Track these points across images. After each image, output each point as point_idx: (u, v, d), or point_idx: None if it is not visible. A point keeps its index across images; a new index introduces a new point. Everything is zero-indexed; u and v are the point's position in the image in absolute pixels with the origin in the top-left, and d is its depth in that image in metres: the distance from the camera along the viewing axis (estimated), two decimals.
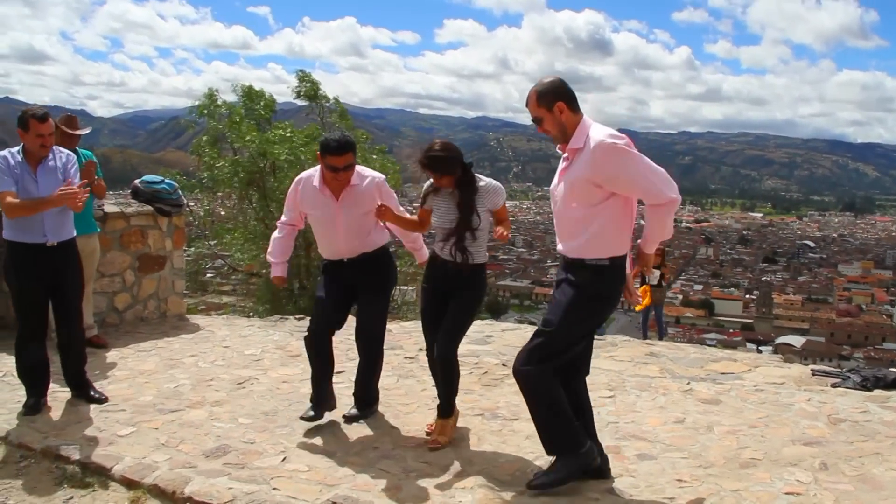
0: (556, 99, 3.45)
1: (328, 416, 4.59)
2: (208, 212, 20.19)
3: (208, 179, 17.71)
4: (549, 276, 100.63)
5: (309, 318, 4.69)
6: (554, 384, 3.57)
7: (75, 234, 5.04)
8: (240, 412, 4.82)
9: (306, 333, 4.56)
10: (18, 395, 5.14)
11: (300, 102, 18.73)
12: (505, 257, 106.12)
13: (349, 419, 4.60)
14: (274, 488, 3.64)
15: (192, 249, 21.71)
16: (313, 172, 4.50)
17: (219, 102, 17.61)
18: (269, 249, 4.87)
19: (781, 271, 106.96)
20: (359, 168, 4.47)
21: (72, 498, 3.73)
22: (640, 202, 3.53)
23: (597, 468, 3.66)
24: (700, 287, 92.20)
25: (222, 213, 20.10)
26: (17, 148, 4.84)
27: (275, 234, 4.83)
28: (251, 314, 18.14)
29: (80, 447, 4.19)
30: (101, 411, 4.84)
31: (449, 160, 3.97)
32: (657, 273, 12.05)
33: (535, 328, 8.35)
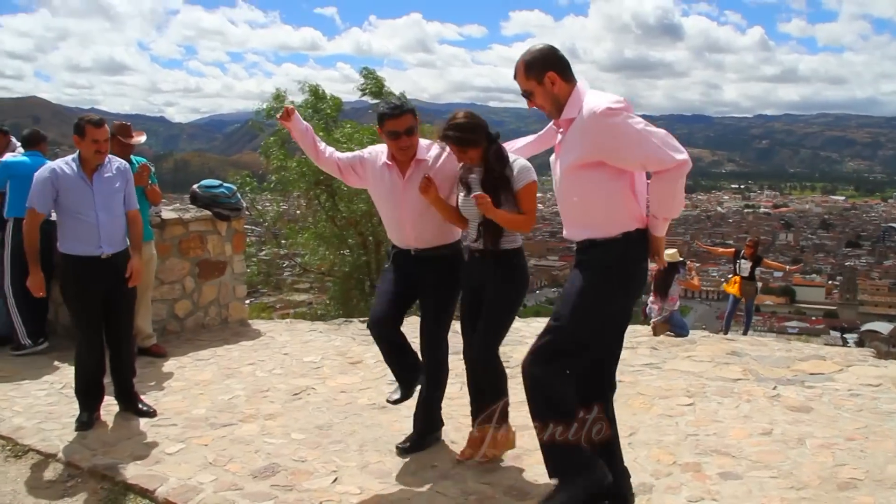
0: (546, 69, 3.04)
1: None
2: (279, 213, 20.33)
3: (277, 182, 17.84)
4: None
5: None
6: (566, 391, 3.10)
7: (128, 244, 4.91)
8: (293, 426, 4.60)
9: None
10: (73, 408, 5.04)
11: (368, 100, 18.68)
12: (571, 245, 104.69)
13: (403, 450, 4.12)
14: None
15: (266, 251, 21.97)
16: (383, 147, 4.02)
17: (286, 103, 17.69)
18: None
19: (866, 256, 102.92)
20: (428, 142, 3.96)
21: None
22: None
23: (614, 494, 3.21)
24: (780, 274, 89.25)
25: (298, 212, 20.25)
26: (72, 156, 4.75)
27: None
28: (322, 312, 18.18)
29: (126, 466, 4.03)
30: (153, 426, 4.69)
31: (472, 128, 3.54)
32: (748, 264, 11.52)
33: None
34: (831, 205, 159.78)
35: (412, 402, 4.17)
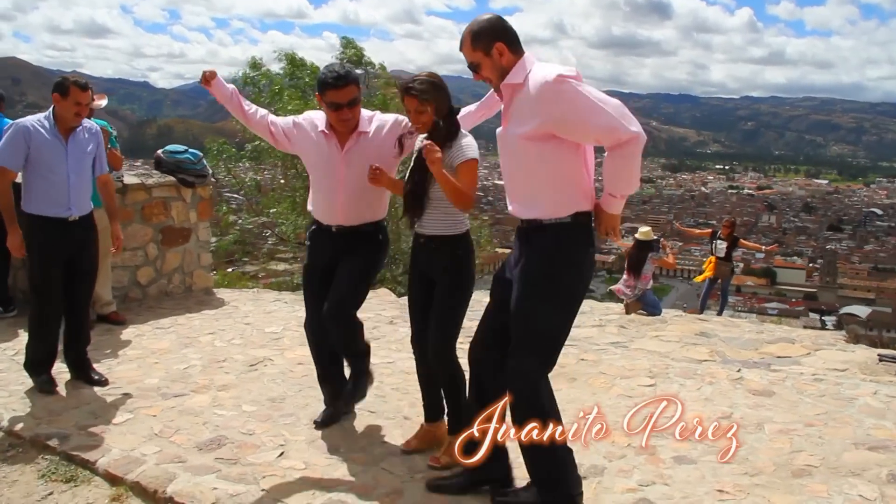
0: (494, 39, 2.89)
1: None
2: (256, 182, 20.10)
3: (252, 150, 17.60)
4: (606, 243, 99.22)
5: None
6: (549, 392, 3.01)
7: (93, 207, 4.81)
8: (246, 398, 4.50)
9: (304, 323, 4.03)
10: (23, 376, 4.91)
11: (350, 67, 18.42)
12: None
13: (319, 423, 4.02)
14: (262, 489, 3.28)
15: (242, 220, 21.75)
16: (321, 114, 3.77)
17: (262, 71, 17.40)
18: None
19: (847, 240, 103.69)
20: (371, 113, 3.75)
21: (51, 493, 3.44)
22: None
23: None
24: (762, 255, 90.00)
25: (282, 180, 19.99)
26: (44, 115, 4.59)
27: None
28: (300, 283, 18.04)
29: (69, 436, 3.91)
30: (102, 395, 4.57)
31: (437, 87, 3.30)
32: (724, 244, 11.48)
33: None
34: (814, 188, 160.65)
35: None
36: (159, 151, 7.38)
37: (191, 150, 7.48)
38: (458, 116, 3.47)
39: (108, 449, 3.75)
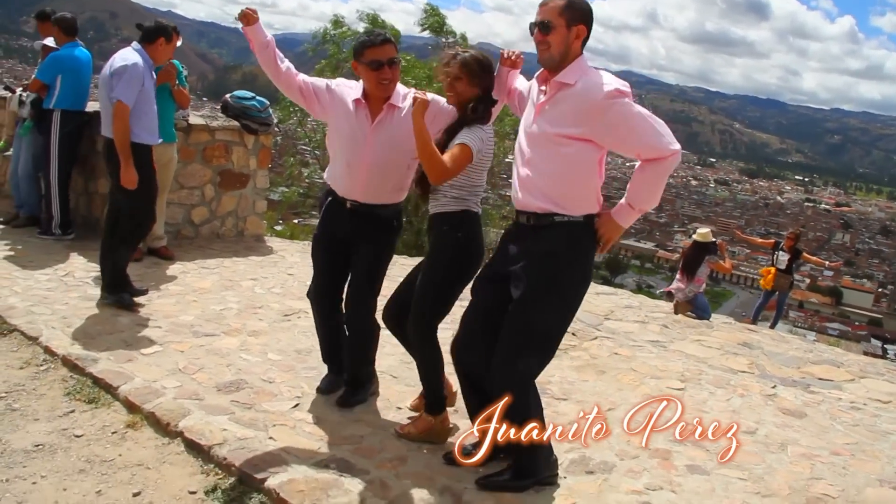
0: (581, 21, 2.86)
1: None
2: (325, 134, 20.29)
3: None
4: (673, 240, 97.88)
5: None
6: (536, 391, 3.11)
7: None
8: (273, 346, 4.56)
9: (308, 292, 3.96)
10: (70, 297, 5.10)
11: (425, 35, 18.35)
12: None
13: (320, 390, 3.94)
14: (270, 437, 3.33)
15: (308, 172, 21.98)
16: (355, 83, 3.64)
17: (343, 30, 17.46)
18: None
19: None
20: (407, 90, 3.57)
21: (73, 411, 3.55)
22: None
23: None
24: (830, 273, 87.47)
25: None
26: (139, 51, 5.06)
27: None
28: None
29: (99, 360, 4.03)
30: (137, 324, 4.68)
31: (487, 67, 3.19)
32: (785, 256, 11.15)
33: (632, 295, 7.78)
34: (895, 212, 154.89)
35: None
36: (227, 96, 7.42)
37: (258, 97, 7.53)
38: None
39: (132, 377, 3.84)
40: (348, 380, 3.87)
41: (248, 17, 3.51)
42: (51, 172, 6.60)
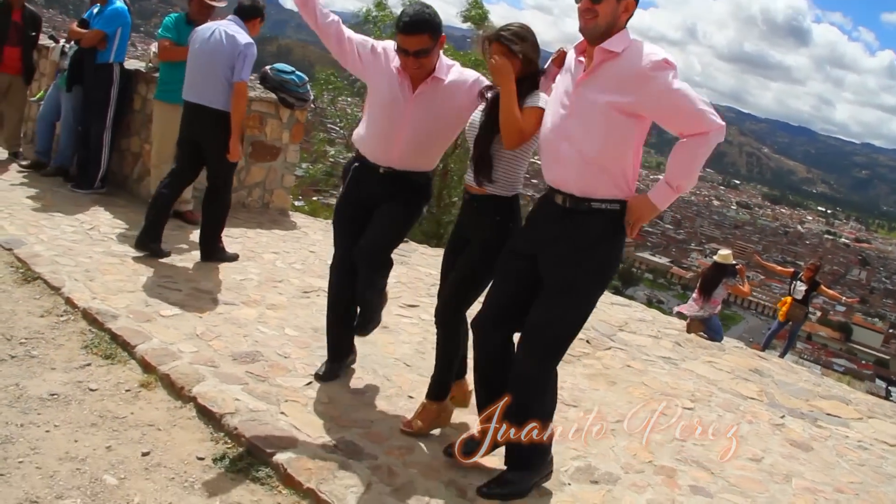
0: None
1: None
2: (357, 117, 20.31)
3: (361, 86, 17.78)
4: (689, 258, 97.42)
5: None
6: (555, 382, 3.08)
7: None
8: (291, 321, 4.58)
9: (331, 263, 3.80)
10: (94, 251, 5.15)
11: (468, 27, 18.34)
12: (650, 229, 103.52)
13: (318, 376, 3.83)
14: (282, 412, 3.35)
15: (333, 151, 22.02)
16: None
17: (386, 12, 17.48)
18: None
19: None
20: (452, 63, 3.48)
21: (89, 364, 3.58)
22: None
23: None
24: (843, 309, 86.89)
25: None
26: (242, 25, 5.38)
27: None
28: None
29: (118, 317, 4.07)
30: (159, 285, 4.72)
31: (527, 40, 3.09)
32: (803, 287, 11.09)
33: (646, 308, 7.74)
34: None
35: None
36: (267, 67, 7.46)
37: (298, 72, 7.55)
38: None
39: (150, 337, 3.87)
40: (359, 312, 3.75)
41: None
42: (106, 126, 6.72)
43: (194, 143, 5.31)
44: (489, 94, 3.27)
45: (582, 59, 2.88)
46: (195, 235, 6.10)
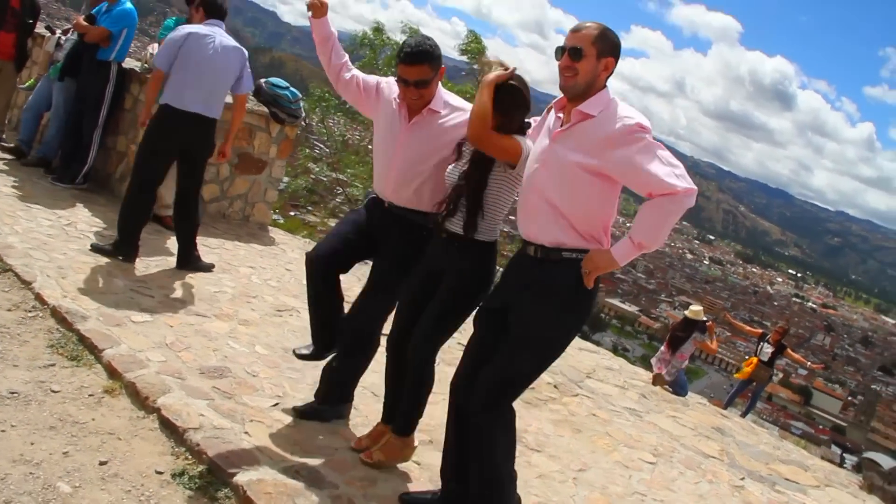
0: (611, 54, 2.81)
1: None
2: (344, 138, 20.35)
3: (351, 106, 17.85)
4: (658, 308, 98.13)
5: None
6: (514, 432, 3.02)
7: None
8: (262, 339, 4.54)
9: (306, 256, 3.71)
10: (69, 247, 5.08)
11: (462, 59, 18.52)
12: (622, 276, 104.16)
13: (301, 413, 3.70)
14: (245, 432, 3.30)
15: (318, 169, 21.98)
16: None
17: (383, 38, 17.60)
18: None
19: (895, 386, 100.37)
20: (452, 98, 3.50)
21: (54, 365, 3.51)
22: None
23: None
24: (804, 372, 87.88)
25: (369, 145, 20.21)
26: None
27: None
28: None
29: (88, 318, 4.00)
30: (131, 290, 4.66)
31: (521, 98, 3.11)
32: (770, 349, 11.19)
33: (614, 357, 7.76)
34: (879, 324, 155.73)
35: None
36: (262, 81, 7.47)
37: (292, 88, 7.56)
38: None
39: (118, 343, 3.81)
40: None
41: (318, 7, 3.50)
42: (98, 124, 6.67)
43: (180, 152, 5.29)
44: (465, 149, 3.27)
45: (560, 115, 2.91)
46: (172, 241, 6.05)
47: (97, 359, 3.65)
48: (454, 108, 3.46)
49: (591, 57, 2.77)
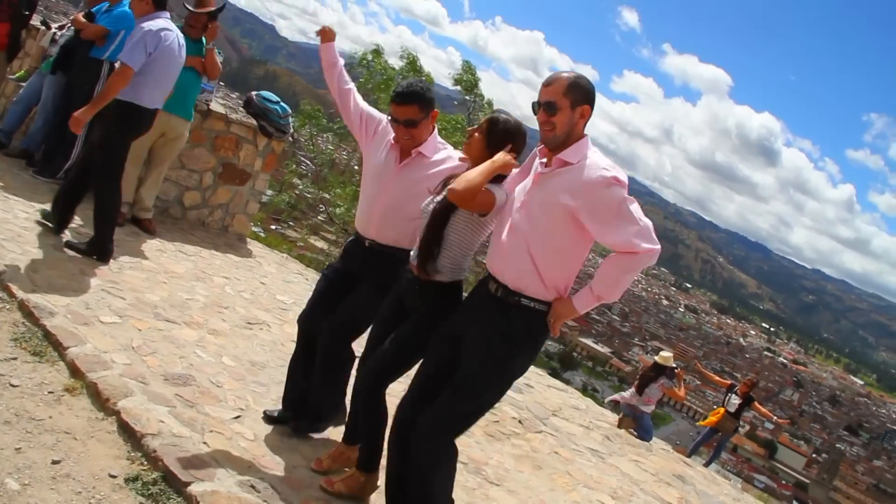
0: (585, 101, 2.86)
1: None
2: (332, 158, 20.37)
3: (341, 126, 17.89)
4: (630, 352, 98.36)
5: None
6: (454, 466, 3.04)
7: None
8: (230, 351, 4.50)
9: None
10: (44, 242, 5.04)
11: (455, 89, 18.66)
12: (596, 317, 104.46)
13: (270, 418, 3.77)
14: (204, 442, 3.27)
15: (302, 185, 21.99)
16: None
17: (381, 62, 17.73)
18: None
19: (859, 447, 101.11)
20: (444, 145, 3.58)
21: (15, 359, 3.46)
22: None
23: None
24: (771, 426, 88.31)
25: (356, 167, 20.23)
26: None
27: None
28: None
29: (56, 315, 3.96)
30: (103, 290, 4.62)
31: (510, 134, 3.14)
32: (737, 401, 11.25)
33: (581, 396, 7.77)
34: (847, 384, 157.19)
35: None
36: (253, 93, 7.48)
37: (283, 103, 7.58)
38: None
39: (84, 342, 3.77)
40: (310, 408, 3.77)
41: (326, 34, 3.71)
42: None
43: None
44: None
45: (545, 160, 2.95)
46: (150, 244, 6.04)
47: (61, 356, 3.61)
48: (443, 153, 3.54)
49: (565, 109, 2.84)
